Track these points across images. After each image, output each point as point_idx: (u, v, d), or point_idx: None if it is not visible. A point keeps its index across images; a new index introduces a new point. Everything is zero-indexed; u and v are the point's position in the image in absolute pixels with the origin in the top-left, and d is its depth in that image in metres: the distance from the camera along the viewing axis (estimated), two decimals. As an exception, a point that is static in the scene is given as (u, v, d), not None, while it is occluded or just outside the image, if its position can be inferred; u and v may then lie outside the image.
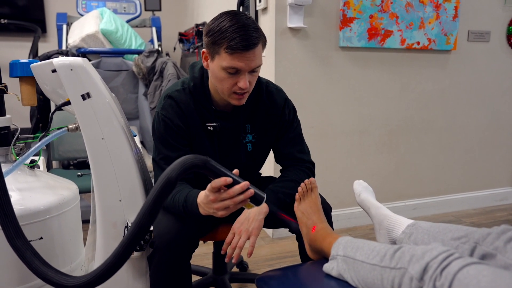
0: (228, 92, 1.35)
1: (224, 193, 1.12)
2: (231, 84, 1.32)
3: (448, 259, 0.85)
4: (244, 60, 1.27)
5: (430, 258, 0.87)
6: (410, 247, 0.96)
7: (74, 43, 3.43)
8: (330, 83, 2.68)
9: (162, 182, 0.96)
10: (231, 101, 1.37)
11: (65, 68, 1.30)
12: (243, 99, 1.37)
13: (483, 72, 3.11)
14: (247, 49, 1.26)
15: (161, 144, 1.44)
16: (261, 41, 1.32)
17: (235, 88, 1.33)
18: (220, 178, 1.10)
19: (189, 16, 4.84)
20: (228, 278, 1.90)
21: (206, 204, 1.19)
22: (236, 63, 1.27)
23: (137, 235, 0.98)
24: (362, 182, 1.53)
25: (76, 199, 1.54)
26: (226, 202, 1.13)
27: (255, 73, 1.35)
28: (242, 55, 1.26)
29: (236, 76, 1.31)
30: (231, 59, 1.27)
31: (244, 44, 1.25)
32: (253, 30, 1.28)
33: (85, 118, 1.35)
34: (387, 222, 1.32)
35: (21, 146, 1.49)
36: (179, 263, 1.32)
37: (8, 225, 1.14)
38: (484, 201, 3.31)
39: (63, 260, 1.46)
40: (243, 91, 1.33)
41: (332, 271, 1.12)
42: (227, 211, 1.16)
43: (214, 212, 1.18)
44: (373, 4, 2.64)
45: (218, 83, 1.35)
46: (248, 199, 1.14)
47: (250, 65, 1.29)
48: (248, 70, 1.30)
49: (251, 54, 1.27)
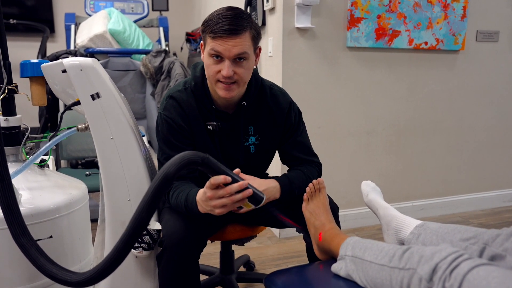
0: (213, 80, 1.36)
1: (221, 190, 1.12)
2: (215, 71, 1.34)
3: (458, 260, 0.85)
4: (225, 45, 1.29)
5: (440, 259, 0.87)
6: (419, 248, 0.95)
7: (83, 43, 3.45)
8: (338, 83, 2.68)
9: (160, 177, 0.96)
10: (219, 92, 1.37)
11: (75, 68, 1.31)
12: (231, 90, 1.36)
13: (491, 72, 3.09)
14: (229, 34, 1.28)
15: (165, 145, 1.45)
16: (249, 31, 1.33)
17: (219, 76, 1.34)
18: (219, 176, 1.10)
19: (196, 16, 4.85)
20: (235, 278, 1.90)
21: (204, 201, 1.20)
22: (217, 46, 1.30)
23: (136, 230, 0.99)
24: (370, 182, 1.53)
25: (85, 198, 1.55)
26: (223, 200, 1.13)
27: (242, 64, 1.34)
28: (224, 40, 1.29)
29: (220, 63, 1.33)
30: (214, 44, 1.30)
31: (226, 29, 1.28)
32: (240, 18, 1.30)
33: (95, 118, 1.36)
34: (395, 222, 1.32)
35: (31, 146, 1.50)
36: (188, 262, 1.33)
37: (14, 222, 1.15)
38: (492, 202, 3.29)
39: (72, 258, 1.47)
40: (228, 79, 1.33)
41: (341, 271, 1.12)
42: (224, 209, 1.16)
43: (211, 210, 1.19)
44: (380, 4, 2.63)
45: (207, 71, 1.38)
46: (246, 198, 1.14)
47: (231, 51, 1.30)
48: (230, 56, 1.31)
49: (232, 40, 1.29)
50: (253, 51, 1.37)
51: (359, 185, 1.56)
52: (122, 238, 0.99)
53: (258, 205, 1.17)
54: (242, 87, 1.40)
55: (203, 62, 1.48)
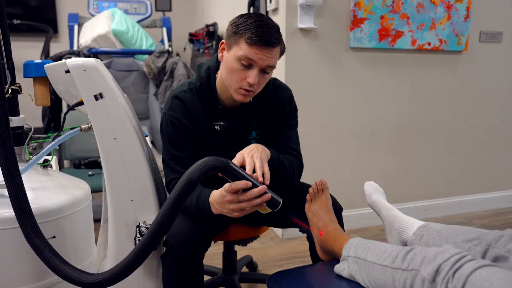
0: (235, 86, 1.35)
1: (242, 195, 1.14)
2: (241, 77, 1.33)
3: (461, 261, 0.85)
4: (260, 54, 1.29)
5: (443, 260, 0.87)
6: (422, 249, 0.95)
7: (86, 43, 3.46)
8: (341, 83, 2.68)
9: (183, 182, 0.98)
10: (236, 97, 1.37)
11: (79, 68, 1.31)
12: (248, 97, 1.38)
13: (494, 73, 3.08)
14: (266, 44, 1.28)
15: (170, 145, 1.45)
16: (280, 46, 1.34)
17: (243, 84, 1.34)
18: (241, 181, 1.11)
19: (199, 17, 4.86)
20: (238, 278, 1.90)
21: (221, 204, 1.20)
22: (252, 54, 1.29)
23: (158, 232, 1.00)
24: (372, 183, 1.53)
25: (88, 198, 1.55)
26: (243, 204, 1.15)
27: (266, 75, 1.36)
28: (260, 48, 1.28)
29: (248, 70, 1.32)
30: (249, 50, 1.29)
31: (265, 40, 1.28)
32: (275, 32, 1.31)
33: (98, 118, 1.36)
34: (398, 223, 1.32)
35: (35, 146, 1.50)
36: (192, 263, 1.33)
37: (26, 223, 1.15)
38: (495, 202, 3.29)
39: (75, 258, 1.47)
40: (251, 88, 1.34)
41: (343, 272, 1.12)
42: (242, 213, 1.18)
43: (228, 213, 1.20)
44: (384, 4, 2.63)
45: (229, 74, 1.36)
46: (264, 202, 1.15)
47: (264, 62, 1.30)
48: (261, 66, 1.31)
49: (268, 51, 1.29)
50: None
51: (361, 185, 1.56)
52: (144, 241, 1.00)
53: (275, 209, 1.18)
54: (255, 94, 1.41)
55: (207, 62, 1.48)
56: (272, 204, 1.18)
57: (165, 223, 0.99)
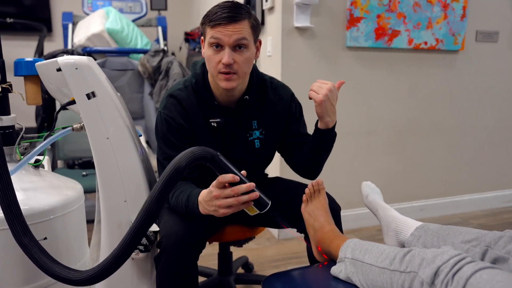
0: (215, 71, 1.35)
1: (228, 189, 1.10)
2: (216, 62, 1.33)
3: (460, 263, 0.83)
4: (225, 31, 1.29)
5: (442, 262, 0.85)
6: (420, 250, 0.93)
7: (80, 42, 3.43)
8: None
9: (170, 170, 0.95)
10: (220, 84, 1.36)
11: (70, 67, 1.29)
12: (231, 80, 1.35)
13: (491, 72, 3.08)
14: (227, 21, 1.29)
15: (164, 144, 1.43)
16: (248, 20, 1.33)
17: (220, 67, 1.33)
18: (227, 174, 1.09)
19: (195, 16, 4.83)
20: (234, 280, 1.89)
21: (208, 201, 1.18)
22: (216, 33, 1.29)
23: (145, 222, 0.97)
24: (369, 183, 1.51)
25: (80, 199, 1.53)
26: (229, 200, 1.11)
27: (242, 52, 1.33)
28: (223, 27, 1.29)
29: (220, 52, 1.32)
30: (213, 32, 1.30)
31: (224, 16, 1.29)
32: (238, 8, 1.32)
33: (90, 117, 1.33)
34: (395, 224, 1.30)
35: (26, 146, 1.48)
36: (186, 264, 1.31)
37: (14, 222, 1.13)
38: (492, 202, 3.28)
39: (67, 260, 1.45)
40: (228, 69, 1.32)
41: (340, 274, 1.10)
42: (229, 210, 1.14)
43: (215, 210, 1.17)
44: (380, 3, 2.62)
45: (208, 64, 1.37)
46: (252, 201, 1.12)
47: (231, 37, 1.29)
48: (229, 43, 1.30)
49: (231, 26, 1.29)
50: (253, 41, 1.36)
51: (358, 185, 1.55)
52: (130, 232, 0.97)
53: (263, 211, 1.15)
54: (242, 78, 1.38)
55: (202, 60, 1.47)
56: (260, 204, 1.14)
57: (152, 212, 0.97)
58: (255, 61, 1.48)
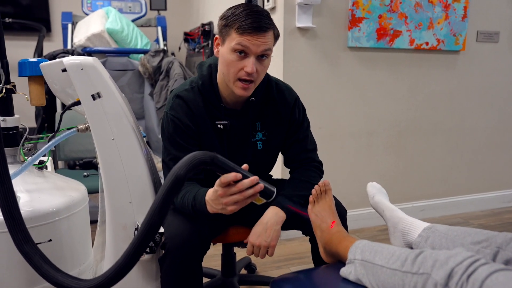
0: (234, 77, 1.33)
1: (233, 187, 1.10)
2: (238, 68, 1.32)
3: (474, 265, 0.82)
4: (254, 40, 1.28)
5: (455, 264, 0.85)
6: (432, 252, 0.93)
7: (80, 42, 3.41)
8: (339, 83, 2.66)
9: (170, 180, 0.94)
10: (236, 90, 1.35)
11: (76, 67, 1.28)
12: (248, 89, 1.35)
13: (491, 73, 3.08)
14: (257, 31, 1.27)
15: (170, 145, 1.43)
16: (272, 30, 1.33)
17: (241, 74, 1.32)
18: (229, 173, 1.08)
19: (194, 16, 4.82)
20: (237, 281, 1.88)
21: (214, 200, 1.17)
22: (245, 41, 1.28)
23: (148, 234, 0.96)
24: (375, 184, 1.51)
25: (85, 200, 1.52)
26: (235, 197, 1.11)
27: (264, 62, 1.34)
28: (251, 36, 1.28)
29: (244, 59, 1.31)
30: (241, 39, 1.28)
31: (255, 26, 1.27)
32: (265, 17, 1.31)
33: (95, 118, 1.32)
34: (402, 225, 1.30)
35: (29, 147, 1.47)
36: (191, 265, 1.30)
37: (16, 229, 1.11)
38: (492, 203, 3.28)
39: (72, 262, 1.44)
40: (249, 77, 1.31)
41: (350, 275, 1.09)
42: (237, 206, 1.13)
43: (223, 209, 1.16)
44: (382, 4, 2.61)
45: (226, 68, 1.34)
46: (258, 193, 1.12)
47: (259, 47, 1.29)
48: (256, 53, 1.29)
49: (260, 37, 1.28)
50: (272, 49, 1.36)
51: (359, 186, 1.55)
52: (134, 243, 0.96)
53: (270, 199, 1.14)
54: (256, 85, 1.39)
55: (209, 61, 1.46)
56: (266, 194, 1.14)
57: (154, 223, 0.95)
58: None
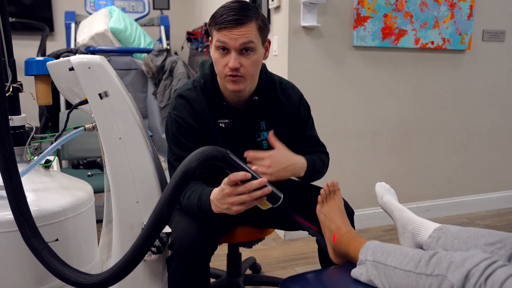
0: (222, 74, 1.34)
1: (241, 186, 1.08)
2: (223, 65, 1.32)
3: (492, 267, 0.81)
4: (231, 35, 1.27)
5: (472, 266, 0.83)
6: (446, 253, 0.92)
7: (83, 41, 3.41)
8: (343, 82, 2.65)
9: (181, 172, 0.93)
10: (228, 86, 1.35)
11: (83, 66, 1.27)
12: (238, 82, 1.33)
13: (497, 72, 3.06)
14: (234, 24, 1.26)
15: (174, 145, 1.42)
16: (255, 21, 1.30)
17: (226, 70, 1.31)
18: (239, 172, 1.07)
19: (197, 15, 4.81)
20: (243, 281, 1.87)
21: (220, 199, 1.16)
22: (222, 37, 1.28)
23: (157, 226, 0.95)
24: (384, 184, 1.50)
25: (91, 200, 1.51)
26: (242, 197, 1.09)
27: (249, 55, 1.31)
28: (228, 30, 1.27)
29: (227, 56, 1.30)
30: (219, 35, 1.28)
31: (229, 19, 1.26)
32: (245, 9, 1.29)
33: (103, 117, 1.31)
34: (412, 225, 1.28)
35: (36, 146, 1.46)
36: (199, 266, 1.29)
37: (24, 224, 1.11)
38: (498, 203, 3.27)
39: (78, 262, 1.43)
40: (234, 72, 1.30)
41: (361, 276, 1.08)
42: (242, 207, 1.12)
43: (227, 208, 1.14)
44: (387, 3, 2.60)
45: (215, 66, 1.36)
46: (264, 196, 1.11)
47: (237, 41, 1.27)
48: (235, 47, 1.28)
49: (237, 31, 1.27)
50: (260, 43, 1.33)
51: (364, 185, 1.54)
52: (141, 236, 0.95)
53: (276, 204, 1.13)
54: (250, 81, 1.37)
55: (210, 60, 1.45)
56: (273, 198, 1.13)
57: (163, 216, 0.94)
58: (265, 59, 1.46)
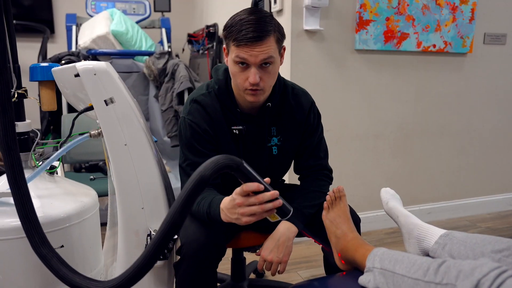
0: (241, 87, 1.33)
1: (253, 197, 1.08)
2: (243, 79, 1.30)
3: (502, 276, 0.81)
4: (250, 51, 1.25)
5: (481, 275, 0.83)
6: (455, 262, 0.92)
7: (85, 44, 3.40)
8: (346, 86, 2.65)
9: (195, 179, 0.93)
10: (247, 98, 1.34)
11: (89, 72, 1.27)
12: (258, 95, 1.33)
13: (499, 75, 3.07)
14: (252, 41, 1.24)
15: (188, 150, 1.41)
16: (273, 34, 1.28)
17: (246, 85, 1.30)
18: (252, 183, 1.07)
19: (198, 17, 4.80)
20: (247, 285, 1.86)
21: (230, 209, 1.16)
22: (243, 53, 1.26)
23: (169, 233, 0.95)
24: (389, 189, 1.50)
25: (95, 205, 1.51)
26: (253, 208, 1.09)
27: (268, 68, 1.30)
28: (248, 47, 1.25)
29: (246, 70, 1.29)
30: (238, 51, 1.26)
31: (249, 37, 1.23)
32: (263, 23, 1.25)
33: (108, 124, 1.31)
34: (418, 231, 1.28)
35: (41, 152, 1.45)
36: (207, 272, 1.29)
37: (32, 232, 1.11)
38: (500, 205, 3.27)
39: (83, 268, 1.43)
40: (254, 87, 1.30)
41: (369, 284, 1.08)
42: (252, 218, 1.12)
43: (237, 219, 1.14)
44: (389, 6, 2.60)
45: (233, 78, 1.35)
46: (275, 209, 1.11)
47: (258, 57, 1.26)
48: (255, 63, 1.27)
49: (257, 47, 1.25)
50: (278, 53, 1.33)
51: (366, 188, 1.54)
52: (153, 242, 0.95)
53: (285, 218, 1.13)
54: (268, 91, 1.38)
55: (225, 65, 1.44)
56: (283, 212, 1.13)
57: (176, 222, 0.94)
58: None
